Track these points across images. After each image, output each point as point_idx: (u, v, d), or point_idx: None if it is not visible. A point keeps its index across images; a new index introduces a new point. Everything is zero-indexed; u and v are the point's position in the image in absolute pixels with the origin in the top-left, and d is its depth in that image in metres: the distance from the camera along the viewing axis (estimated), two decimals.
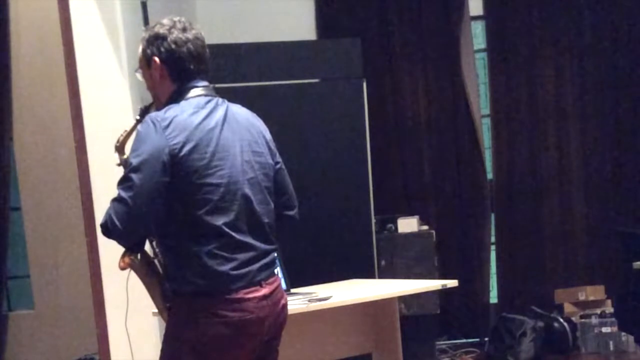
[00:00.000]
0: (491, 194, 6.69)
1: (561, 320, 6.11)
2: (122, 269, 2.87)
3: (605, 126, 6.64)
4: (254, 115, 3.00)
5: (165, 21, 2.85)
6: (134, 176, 2.62)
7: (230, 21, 6.53)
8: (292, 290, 4.30)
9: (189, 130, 2.69)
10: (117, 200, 2.65)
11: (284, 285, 4.28)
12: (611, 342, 6.01)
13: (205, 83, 2.86)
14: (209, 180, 2.70)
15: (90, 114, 4.86)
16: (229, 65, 5.42)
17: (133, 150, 2.68)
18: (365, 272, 5.36)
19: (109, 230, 2.67)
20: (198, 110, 2.75)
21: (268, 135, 2.99)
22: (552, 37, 6.63)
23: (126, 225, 2.63)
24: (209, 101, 2.81)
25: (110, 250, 4.40)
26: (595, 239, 6.64)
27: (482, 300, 6.70)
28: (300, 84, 5.56)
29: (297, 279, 4.45)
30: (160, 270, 2.89)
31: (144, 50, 2.86)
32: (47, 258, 6.63)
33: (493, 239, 6.77)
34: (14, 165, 6.60)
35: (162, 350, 2.85)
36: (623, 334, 5.92)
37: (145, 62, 2.85)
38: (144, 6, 5.25)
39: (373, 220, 5.66)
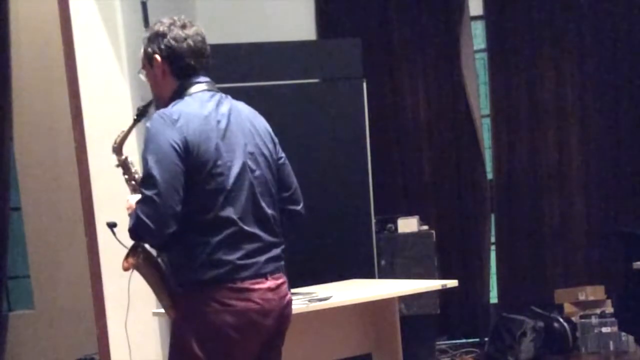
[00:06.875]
0: (491, 194, 6.69)
1: (561, 320, 6.11)
2: (126, 269, 2.86)
3: (605, 126, 6.63)
4: (255, 112, 3.04)
5: (165, 19, 2.90)
6: (154, 172, 2.63)
7: (230, 21, 6.52)
8: (292, 290, 4.28)
9: (198, 123, 2.72)
10: (142, 201, 2.65)
11: None
12: (611, 342, 6.01)
13: (207, 79, 2.90)
14: (220, 170, 2.73)
15: (90, 114, 4.86)
16: (229, 65, 5.42)
17: (147, 147, 2.69)
18: (365, 272, 5.36)
19: (139, 232, 2.67)
20: (204, 104, 2.79)
21: (271, 131, 3.03)
22: (552, 37, 6.62)
23: (157, 223, 2.63)
24: (212, 96, 2.85)
25: (110, 251, 4.41)
26: (595, 239, 6.64)
27: (482, 300, 6.69)
28: (300, 84, 5.56)
29: (297, 279, 4.43)
30: (164, 267, 2.88)
31: (145, 50, 2.90)
32: (47, 258, 6.62)
33: (493, 239, 6.76)
34: (14, 165, 6.59)
35: (171, 346, 2.85)
36: (623, 334, 5.92)
37: (147, 61, 2.89)
38: (144, 6, 5.24)
39: (373, 220, 5.66)
